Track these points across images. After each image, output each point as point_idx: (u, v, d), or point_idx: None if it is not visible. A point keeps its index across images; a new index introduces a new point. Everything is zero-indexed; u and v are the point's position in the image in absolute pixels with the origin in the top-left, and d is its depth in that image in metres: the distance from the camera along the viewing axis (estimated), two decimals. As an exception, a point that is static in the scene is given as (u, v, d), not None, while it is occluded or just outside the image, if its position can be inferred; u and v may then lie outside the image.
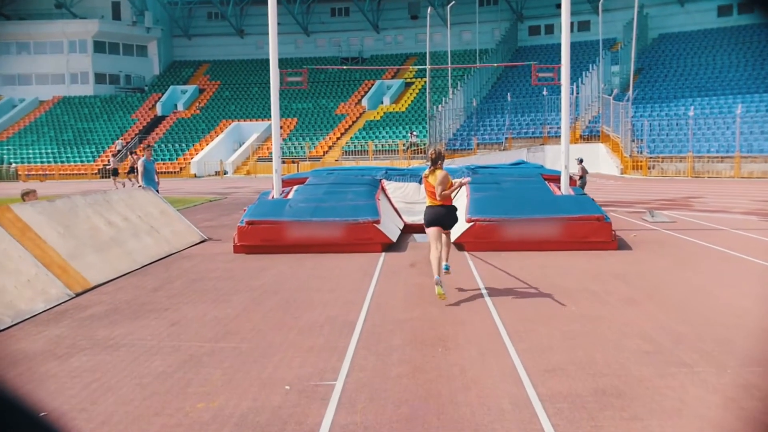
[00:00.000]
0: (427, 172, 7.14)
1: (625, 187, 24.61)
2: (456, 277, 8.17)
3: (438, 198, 6.97)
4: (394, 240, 10.52)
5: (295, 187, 12.80)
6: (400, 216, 12.41)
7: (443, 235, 7.11)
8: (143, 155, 12.81)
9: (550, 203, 10.81)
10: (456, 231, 10.23)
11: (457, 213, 7.38)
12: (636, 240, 11.15)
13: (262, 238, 10.18)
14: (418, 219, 12.31)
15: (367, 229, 10.16)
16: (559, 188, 12.51)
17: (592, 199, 11.39)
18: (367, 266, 9.01)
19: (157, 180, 12.70)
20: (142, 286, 7.93)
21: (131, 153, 26.63)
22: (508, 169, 14.56)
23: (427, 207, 7.21)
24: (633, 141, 32.02)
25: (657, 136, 32.89)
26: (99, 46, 54.84)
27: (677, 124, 33.39)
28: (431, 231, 7.14)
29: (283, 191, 12.94)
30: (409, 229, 12.16)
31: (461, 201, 11.81)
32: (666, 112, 35.71)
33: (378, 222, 10.26)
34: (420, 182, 12.58)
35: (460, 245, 10.26)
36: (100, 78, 55.31)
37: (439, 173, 6.98)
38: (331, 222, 10.22)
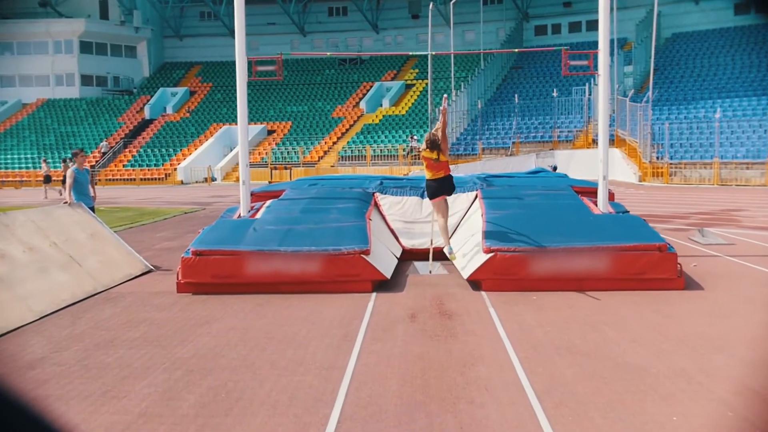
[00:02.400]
0: (425, 150, 8.11)
1: (648, 196, 22.06)
2: (476, 337, 5.68)
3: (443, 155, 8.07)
4: (389, 276, 7.95)
5: (267, 203, 10.32)
6: (397, 239, 9.89)
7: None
8: (74, 163, 10.24)
9: (591, 226, 8.28)
10: (472, 265, 7.77)
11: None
12: (698, 271, 8.67)
13: (214, 273, 7.66)
14: (420, 242, 9.79)
15: (353, 262, 7.64)
16: (596, 204, 10.07)
17: (644, 220, 8.87)
18: (350, 318, 6.51)
19: (92, 194, 10.17)
20: (17, 356, 5.43)
21: (64, 161, 23.92)
22: (528, 179, 11.99)
23: (429, 180, 8.17)
24: (652, 146, 29.50)
25: (677, 141, 30.35)
26: (85, 47, 52.28)
27: (698, 128, 30.89)
28: (437, 202, 8.21)
29: (252, 207, 10.49)
30: (408, 255, 9.66)
31: (475, 218, 9.34)
32: (685, 114, 33.19)
33: (367, 252, 7.73)
34: (422, 196, 10.11)
35: (476, 283, 7.75)
36: (86, 80, 52.76)
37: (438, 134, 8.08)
38: (306, 253, 7.69)
